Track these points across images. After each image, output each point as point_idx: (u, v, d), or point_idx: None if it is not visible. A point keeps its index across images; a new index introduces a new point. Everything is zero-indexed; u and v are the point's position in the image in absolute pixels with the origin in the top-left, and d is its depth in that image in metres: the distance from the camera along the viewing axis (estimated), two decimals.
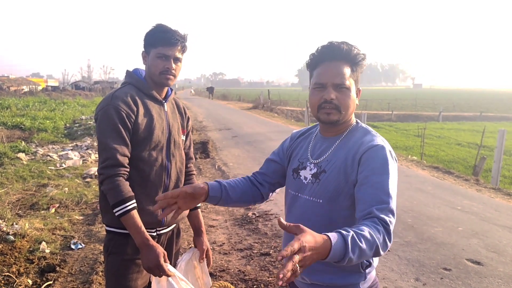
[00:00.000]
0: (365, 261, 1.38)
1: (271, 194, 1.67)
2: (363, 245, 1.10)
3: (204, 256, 1.99)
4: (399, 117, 29.82)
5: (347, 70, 1.38)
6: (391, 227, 1.20)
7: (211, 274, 3.38)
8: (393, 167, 1.33)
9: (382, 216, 1.20)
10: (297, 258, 0.97)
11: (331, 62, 1.38)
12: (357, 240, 1.10)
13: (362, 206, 1.26)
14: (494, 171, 7.77)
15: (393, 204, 1.26)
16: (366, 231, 1.13)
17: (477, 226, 4.70)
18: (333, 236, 1.07)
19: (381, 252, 1.17)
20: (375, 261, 1.44)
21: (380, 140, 1.39)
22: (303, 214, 1.44)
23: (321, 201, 1.40)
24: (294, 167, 1.53)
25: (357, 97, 1.44)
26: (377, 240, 1.14)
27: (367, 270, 1.39)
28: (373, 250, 1.14)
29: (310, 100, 1.43)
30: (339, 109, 1.38)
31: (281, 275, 0.93)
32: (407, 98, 56.86)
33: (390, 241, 1.19)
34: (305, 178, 1.46)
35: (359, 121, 1.50)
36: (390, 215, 1.22)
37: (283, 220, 1.09)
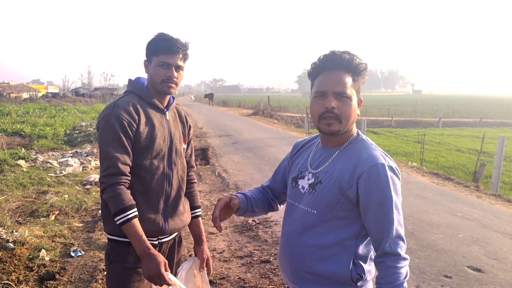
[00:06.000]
0: (356, 274, 1.36)
1: (279, 206, 1.73)
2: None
3: (205, 265, 1.99)
4: (399, 123, 29.84)
5: (348, 80, 1.37)
6: (402, 251, 1.31)
7: (211, 282, 3.37)
8: (395, 185, 1.33)
9: (392, 251, 1.30)
10: None
11: (332, 71, 1.37)
12: None
13: (373, 243, 1.37)
14: (494, 178, 7.77)
15: (399, 227, 1.32)
16: None
17: (477, 233, 4.69)
18: None
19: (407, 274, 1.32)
20: (368, 274, 1.41)
21: (379, 155, 1.36)
22: (297, 224, 1.45)
23: (315, 212, 1.39)
24: (293, 175, 1.53)
25: (358, 107, 1.42)
26: (400, 279, 1.29)
27: (358, 283, 1.38)
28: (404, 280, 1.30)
29: (311, 109, 1.42)
30: (339, 119, 1.36)
31: None
32: (406, 104, 56.97)
33: (406, 259, 1.32)
34: (303, 187, 1.46)
35: (360, 132, 1.49)
36: (399, 241, 1.31)
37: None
